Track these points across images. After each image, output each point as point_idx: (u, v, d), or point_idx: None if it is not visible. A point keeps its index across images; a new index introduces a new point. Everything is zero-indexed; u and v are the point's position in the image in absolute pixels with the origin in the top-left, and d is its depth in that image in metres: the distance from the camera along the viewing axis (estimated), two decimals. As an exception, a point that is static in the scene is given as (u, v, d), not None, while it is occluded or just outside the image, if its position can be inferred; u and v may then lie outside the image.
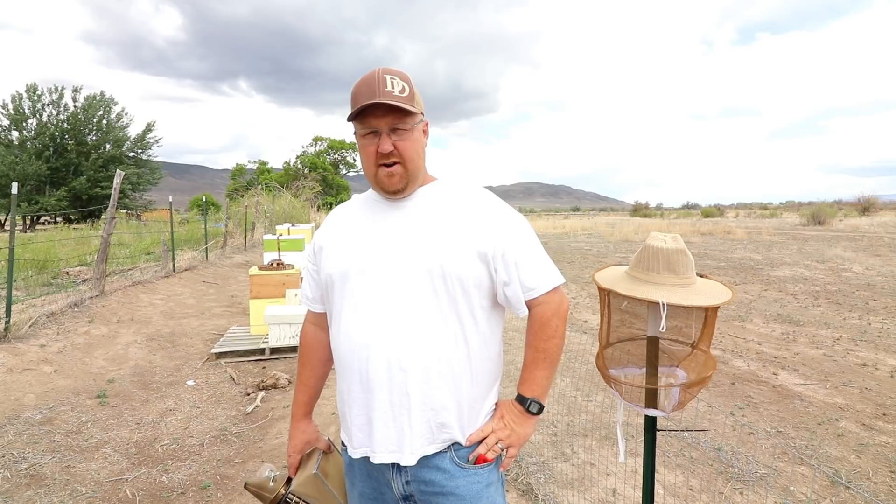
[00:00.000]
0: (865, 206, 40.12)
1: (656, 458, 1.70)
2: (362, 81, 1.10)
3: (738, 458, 3.10)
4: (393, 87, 1.08)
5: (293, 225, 9.48)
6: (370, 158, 1.12)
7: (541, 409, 1.19)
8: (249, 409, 3.85)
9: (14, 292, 5.20)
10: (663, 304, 1.38)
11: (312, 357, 1.33)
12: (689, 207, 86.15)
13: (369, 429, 1.12)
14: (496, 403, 1.23)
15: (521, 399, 1.19)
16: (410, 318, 1.09)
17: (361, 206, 1.23)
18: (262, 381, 4.29)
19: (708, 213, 50.83)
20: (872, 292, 8.58)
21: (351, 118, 1.12)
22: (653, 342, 1.53)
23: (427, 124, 1.20)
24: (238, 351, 5.17)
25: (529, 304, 1.17)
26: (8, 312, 4.80)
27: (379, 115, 1.08)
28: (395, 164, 1.11)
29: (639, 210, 59.80)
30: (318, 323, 1.32)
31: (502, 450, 1.16)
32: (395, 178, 1.12)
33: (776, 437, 3.40)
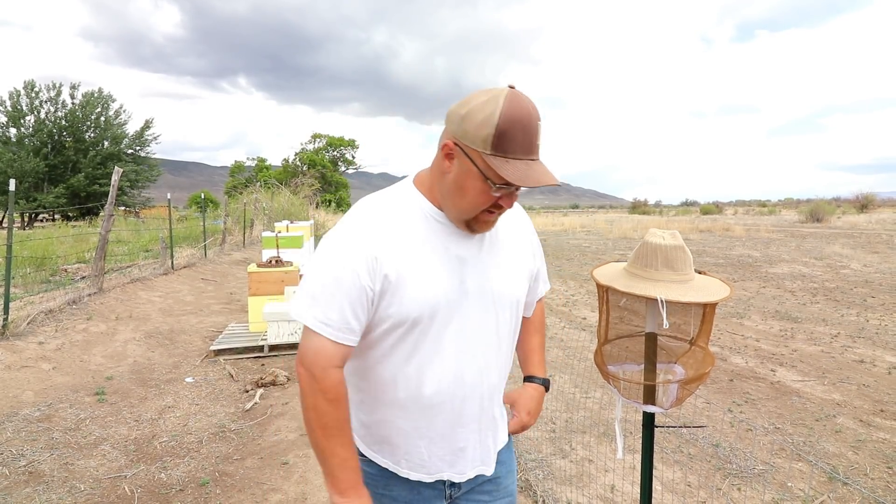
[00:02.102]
0: (864, 204, 40.21)
1: (654, 455, 1.71)
2: (519, 122, 0.89)
3: (735, 454, 3.11)
4: (540, 142, 0.95)
5: (292, 222, 9.47)
6: (480, 202, 0.96)
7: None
8: (248, 406, 3.85)
9: (12, 289, 5.19)
10: (662, 301, 1.38)
11: (347, 411, 1.05)
12: (687, 205, 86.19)
13: (455, 458, 1.10)
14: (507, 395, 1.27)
15: (542, 381, 1.29)
16: (495, 351, 1.10)
17: (429, 228, 1.03)
18: (261, 378, 4.29)
19: (707, 210, 50.87)
20: (870, 289, 8.59)
21: (497, 173, 0.90)
22: (651, 339, 1.53)
23: None
24: (237, 348, 5.17)
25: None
26: (6, 310, 4.79)
27: None
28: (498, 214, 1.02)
29: (637, 207, 59.82)
30: (344, 363, 1.04)
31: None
32: (490, 225, 1.03)
33: (774, 434, 3.41)
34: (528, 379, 1.30)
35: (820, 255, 13.13)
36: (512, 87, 0.93)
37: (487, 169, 0.91)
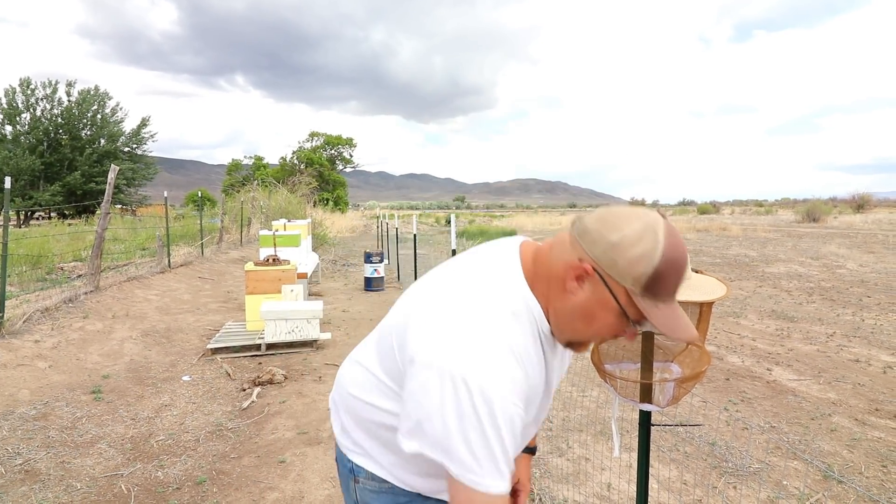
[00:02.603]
0: (860, 204, 40.40)
1: (651, 453, 1.72)
2: (675, 264, 0.79)
3: (731, 452, 3.12)
4: None
5: (289, 220, 9.46)
6: (604, 334, 0.88)
7: None
8: (245, 404, 3.85)
9: (8, 288, 5.17)
10: (658, 300, 1.38)
11: None
12: (685, 204, 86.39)
13: None
14: None
15: (531, 450, 1.29)
16: None
17: (542, 343, 0.92)
18: (258, 377, 4.28)
19: (704, 209, 51.02)
20: (866, 289, 8.63)
21: (644, 315, 0.81)
22: (648, 337, 1.54)
23: None
24: (234, 346, 5.16)
25: None
26: (1, 308, 4.77)
27: None
28: None
29: (635, 207, 59.97)
30: None
31: None
32: (588, 348, 0.96)
33: (770, 433, 3.42)
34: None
35: (816, 255, 13.18)
36: (663, 216, 0.83)
37: (630, 307, 0.81)
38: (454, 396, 0.78)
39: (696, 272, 1.56)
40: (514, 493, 1.20)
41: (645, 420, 1.61)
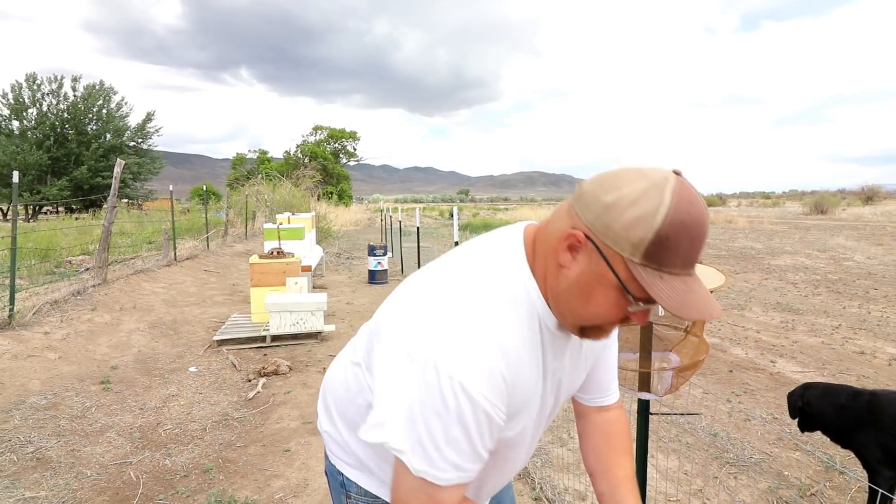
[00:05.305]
0: (869, 196, 40.06)
1: (652, 443, 1.74)
2: (688, 229, 0.66)
3: (733, 443, 3.13)
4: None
5: (293, 214, 9.49)
6: (606, 316, 0.74)
7: None
8: (251, 394, 3.90)
9: (18, 281, 5.23)
10: (656, 289, 1.40)
11: None
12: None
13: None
14: None
15: None
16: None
17: (542, 340, 0.81)
18: (264, 368, 4.33)
19: (710, 202, 50.81)
20: (873, 281, 8.59)
21: (645, 289, 0.67)
22: (646, 327, 1.55)
23: None
24: (239, 338, 5.21)
25: None
26: (12, 300, 4.84)
27: None
28: None
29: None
30: None
31: None
32: (607, 335, 0.79)
33: (772, 424, 3.43)
34: None
35: (823, 248, 13.11)
36: (678, 174, 0.69)
37: (630, 281, 0.68)
38: (421, 381, 0.69)
39: (695, 262, 1.58)
40: None
41: (643, 409, 1.63)
